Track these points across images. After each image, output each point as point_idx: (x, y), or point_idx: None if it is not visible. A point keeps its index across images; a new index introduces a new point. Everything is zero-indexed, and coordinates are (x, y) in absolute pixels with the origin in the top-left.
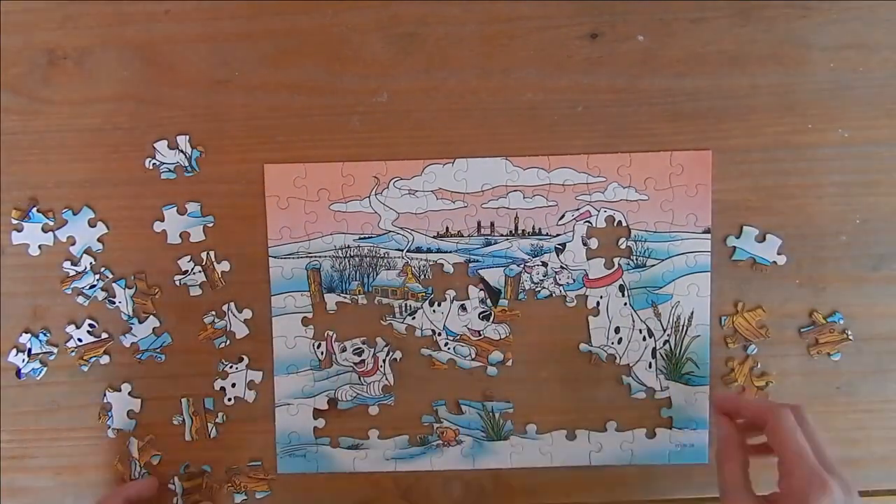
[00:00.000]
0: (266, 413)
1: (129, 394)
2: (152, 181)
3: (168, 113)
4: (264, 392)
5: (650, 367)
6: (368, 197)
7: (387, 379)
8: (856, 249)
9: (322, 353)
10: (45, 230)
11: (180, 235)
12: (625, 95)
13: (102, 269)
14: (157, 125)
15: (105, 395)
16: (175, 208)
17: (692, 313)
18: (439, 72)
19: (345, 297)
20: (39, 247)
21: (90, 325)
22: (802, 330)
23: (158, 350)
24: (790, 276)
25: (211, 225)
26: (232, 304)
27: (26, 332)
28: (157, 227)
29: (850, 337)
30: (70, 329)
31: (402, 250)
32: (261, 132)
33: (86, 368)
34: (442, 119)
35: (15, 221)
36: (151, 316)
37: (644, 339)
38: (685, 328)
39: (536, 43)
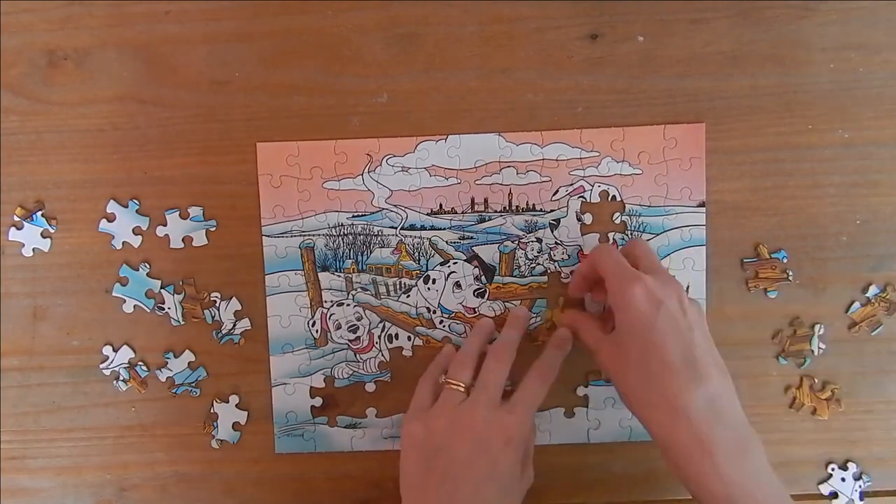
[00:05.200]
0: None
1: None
2: (152, 182)
3: (168, 113)
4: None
5: None
6: (361, 175)
7: (382, 355)
8: (856, 249)
9: (317, 332)
10: (44, 236)
11: (183, 240)
12: (625, 96)
13: None
14: (157, 125)
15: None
16: (178, 212)
17: (688, 287)
18: (439, 72)
19: (339, 276)
20: (33, 250)
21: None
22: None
23: (193, 384)
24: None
25: (214, 229)
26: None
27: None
28: (160, 231)
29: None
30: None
31: (395, 228)
32: (261, 133)
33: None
34: (442, 119)
35: (17, 219)
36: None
37: None
38: None
39: (536, 43)
